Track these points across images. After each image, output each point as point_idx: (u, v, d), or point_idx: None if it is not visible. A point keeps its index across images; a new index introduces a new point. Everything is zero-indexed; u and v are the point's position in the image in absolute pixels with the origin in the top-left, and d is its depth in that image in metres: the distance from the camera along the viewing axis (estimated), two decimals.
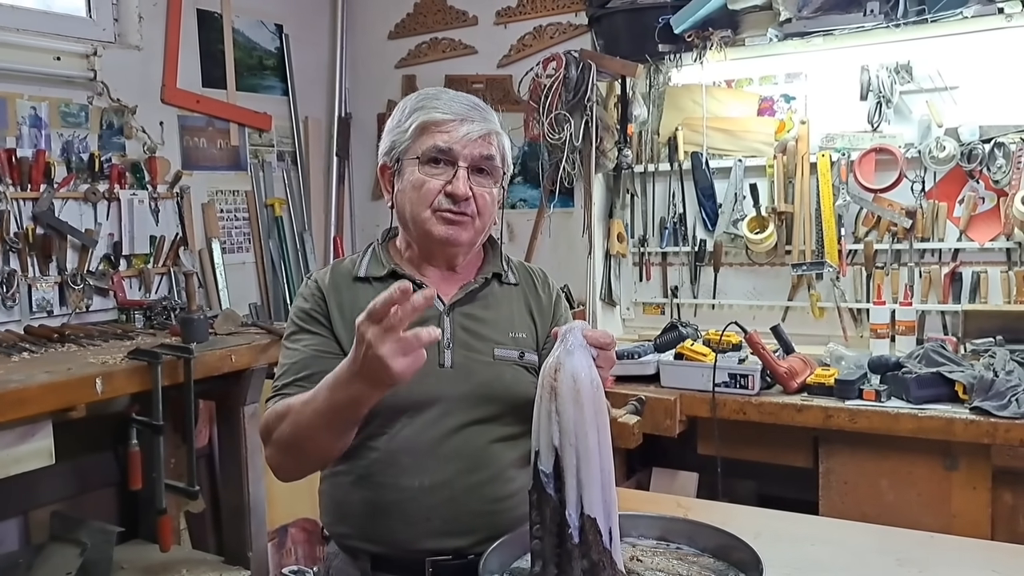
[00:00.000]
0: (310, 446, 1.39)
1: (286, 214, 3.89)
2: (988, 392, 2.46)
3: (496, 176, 1.54)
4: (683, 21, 3.11)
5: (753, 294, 3.50)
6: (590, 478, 1.16)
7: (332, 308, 1.53)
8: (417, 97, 1.56)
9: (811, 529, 1.70)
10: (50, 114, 3.00)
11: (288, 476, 1.50)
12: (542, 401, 1.18)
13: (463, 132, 1.48)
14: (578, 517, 1.16)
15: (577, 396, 1.15)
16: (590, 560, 1.16)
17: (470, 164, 1.49)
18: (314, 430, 1.36)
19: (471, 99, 1.55)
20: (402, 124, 1.54)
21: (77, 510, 2.95)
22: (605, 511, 1.18)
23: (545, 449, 1.17)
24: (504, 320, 1.58)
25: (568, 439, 1.15)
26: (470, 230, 1.52)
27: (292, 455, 1.43)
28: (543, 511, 1.18)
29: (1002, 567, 1.46)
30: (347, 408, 1.31)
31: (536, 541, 1.19)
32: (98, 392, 2.35)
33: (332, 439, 1.39)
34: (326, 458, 1.47)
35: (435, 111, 1.50)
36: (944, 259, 3.15)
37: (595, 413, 1.17)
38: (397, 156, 1.55)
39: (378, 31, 4.06)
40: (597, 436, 1.17)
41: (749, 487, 3.08)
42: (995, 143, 2.96)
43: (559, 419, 1.16)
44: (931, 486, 2.53)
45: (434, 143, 1.49)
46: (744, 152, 3.43)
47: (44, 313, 2.97)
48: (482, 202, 1.51)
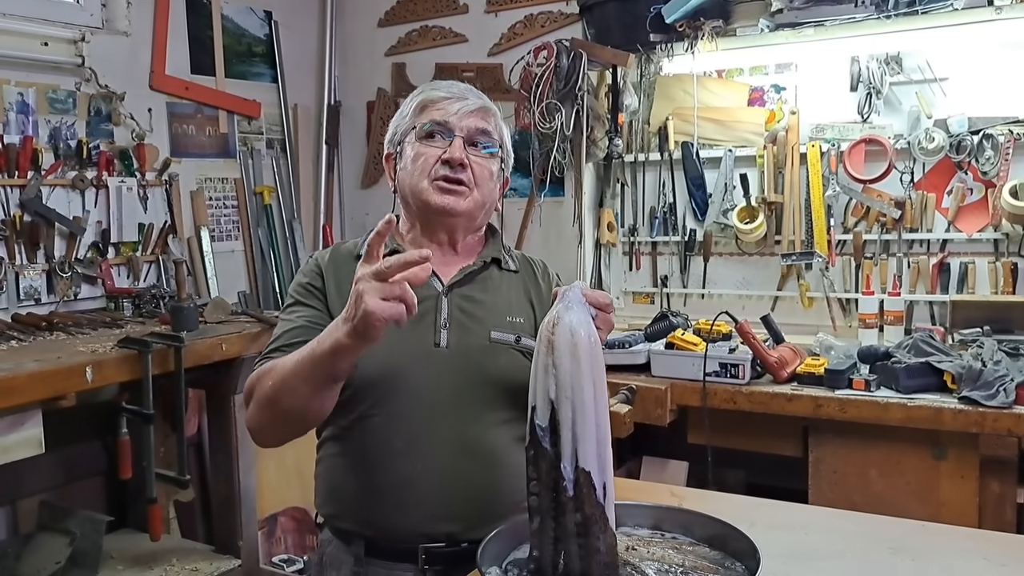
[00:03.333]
0: (287, 400, 1.36)
1: (275, 202, 3.87)
2: (976, 382, 2.48)
3: (495, 156, 1.58)
4: (675, 11, 3.11)
5: (742, 284, 3.51)
6: (585, 432, 1.15)
7: (329, 284, 1.55)
8: (421, 87, 1.62)
9: (804, 517, 1.71)
10: (37, 100, 2.97)
11: (266, 437, 1.49)
12: (539, 355, 1.17)
13: (459, 106, 1.54)
14: (572, 470, 1.15)
15: (574, 350, 1.14)
16: (583, 513, 1.15)
17: (466, 136, 1.53)
18: (294, 380, 1.34)
19: (471, 87, 1.61)
20: (403, 111, 1.60)
21: (65, 499, 2.93)
22: (600, 465, 1.16)
23: (541, 403, 1.16)
24: (502, 304, 1.59)
25: (564, 392, 1.14)
26: (468, 200, 1.54)
27: (270, 411, 1.41)
28: (539, 466, 1.17)
29: (993, 555, 1.47)
30: (327, 356, 1.28)
31: (533, 497, 1.18)
32: (88, 381, 2.34)
33: (309, 392, 1.34)
34: (303, 417, 1.42)
35: (434, 91, 1.57)
36: (932, 250, 3.18)
37: (592, 367, 1.16)
38: (399, 140, 1.59)
39: (368, 18, 4.04)
40: (593, 390, 1.16)
41: (738, 476, 3.10)
42: (984, 135, 2.98)
43: (555, 372, 1.14)
44: (920, 475, 2.56)
45: (431, 117, 1.54)
46: (734, 142, 3.44)
47: (32, 301, 2.94)
48: (479, 171, 1.54)
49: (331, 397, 1.39)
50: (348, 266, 1.55)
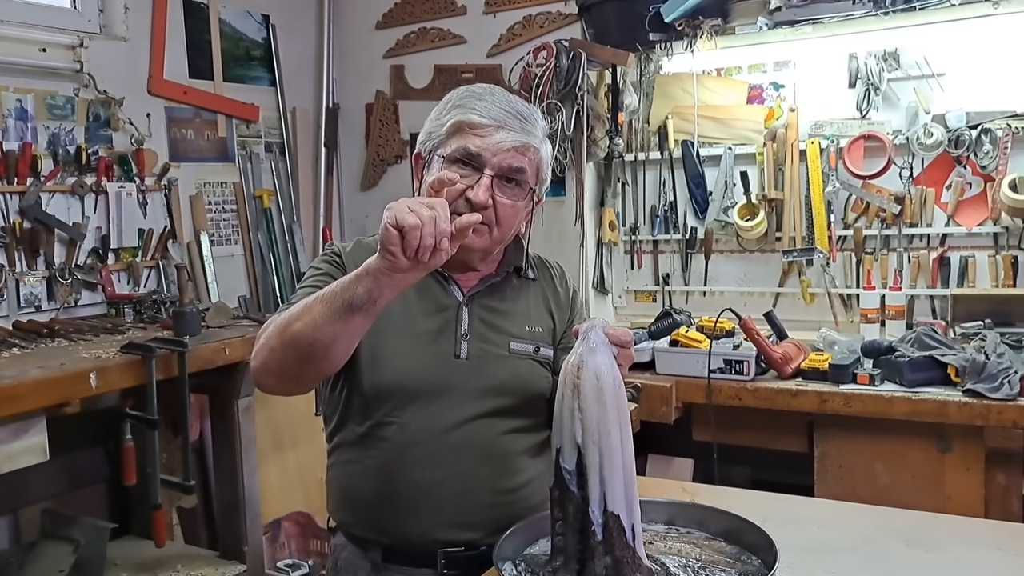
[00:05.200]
0: (298, 327, 1.27)
1: (275, 205, 3.86)
2: (980, 375, 2.49)
3: (524, 189, 1.47)
4: (673, 10, 3.11)
5: (744, 281, 3.52)
6: (613, 475, 1.16)
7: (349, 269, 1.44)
8: (461, 93, 1.50)
9: (816, 511, 1.72)
10: (36, 106, 2.95)
11: (270, 379, 1.40)
12: (564, 398, 1.18)
13: (497, 139, 1.42)
14: (601, 514, 1.16)
15: (600, 394, 1.16)
16: (613, 556, 1.16)
17: (496, 173, 1.43)
18: (314, 302, 1.27)
19: (516, 105, 1.48)
20: (441, 117, 1.48)
21: (68, 507, 2.91)
22: (628, 507, 1.18)
23: (568, 446, 1.18)
24: (521, 313, 1.58)
25: (591, 436, 1.16)
26: (486, 239, 1.46)
27: (279, 342, 1.31)
28: (565, 508, 1.19)
29: (1007, 545, 1.48)
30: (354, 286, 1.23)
31: (559, 537, 1.20)
32: (92, 387, 2.33)
33: (325, 323, 1.25)
34: (311, 354, 1.29)
35: (473, 112, 1.44)
36: (932, 244, 3.19)
37: (617, 411, 1.18)
38: (430, 148, 1.50)
39: (366, 21, 4.03)
40: (620, 434, 1.17)
41: (743, 472, 3.10)
42: (982, 129, 2.99)
43: (582, 417, 1.16)
44: (925, 468, 2.56)
45: (464, 145, 1.43)
46: (734, 140, 3.44)
47: (32, 308, 2.92)
48: (503, 212, 1.45)
49: (347, 332, 1.28)
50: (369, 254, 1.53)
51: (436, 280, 1.54)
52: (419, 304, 1.51)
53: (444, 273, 1.53)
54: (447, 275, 1.54)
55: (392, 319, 1.47)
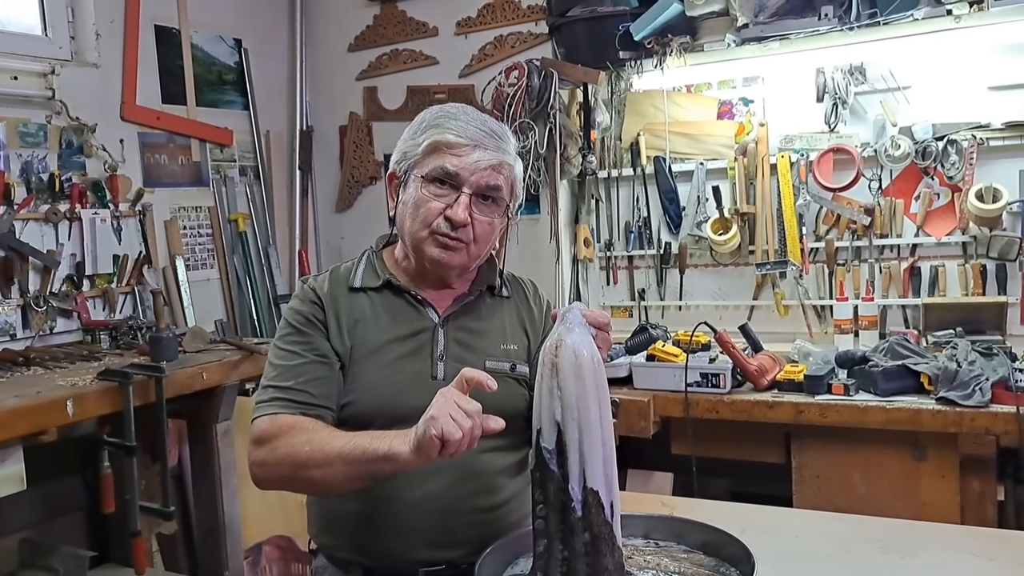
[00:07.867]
0: (317, 476, 1.37)
1: (250, 229, 3.86)
2: (953, 382, 2.53)
3: (500, 206, 1.52)
4: (643, 28, 3.16)
5: (719, 294, 3.55)
6: (592, 451, 1.17)
7: (330, 317, 1.53)
8: (435, 113, 1.53)
9: (793, 521, 1.74)
10: (8, 134, 2.94)
11: (269, 487, 1.50)
12: (543, 379, 1.18)
13: (473, 159, 1.46)
14: (581, 491, 1.17)
15: (579, 371, 1.16)
16: (592, 533, 1.17)
17: (474, 191, 1.47)
18: (339, 461, 1.34)
19: (489, 125, 1.51)
20: (416, 137, 1.51)
21: (46, 536, 2.87)
22: (607, 484, 1.19)
23: (547, 425, 1.18)
24: (496, 332, 1.59)
25: (570, 413, 1.16)
26: (463, 255, 1.50)
27: (291, 472, 1.40)
28: (546, 488, 1.19)
29: (980, 551, 1.50)
30: (377, 457, 1.30)
31: (540, 520, 1.20)
32: (69, 415, 2.31)
33: (345, 482, 1.36)
34: (323, 492, 1.50)
35: (449, 132, 1.47)
36: (903, 254, 3.23)
37: (596, 388, 1.18)
38: (406, 168, 1.52)
39: (338, 43, 4.05)
40: (599, 410, 1.18)
41: (722, 485, 3.11)
42: (948, 140, 3.04)
43: (561, 394, 1.16)
44: (901, 476, 2.59)
45: (442, 164, 1.46)
46: (705, 155, 3.48)
47: (7, 337, 2.90)
48: (480, 230, 1.49)
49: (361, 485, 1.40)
50: (346, 298, 1.55)
51: (410, 304, 1.55)
52: (394, 329, 1.53)
53: (418, 296, 1.55)
54: (420, 297, 1.55)
55: (369, 345, 1.50)
